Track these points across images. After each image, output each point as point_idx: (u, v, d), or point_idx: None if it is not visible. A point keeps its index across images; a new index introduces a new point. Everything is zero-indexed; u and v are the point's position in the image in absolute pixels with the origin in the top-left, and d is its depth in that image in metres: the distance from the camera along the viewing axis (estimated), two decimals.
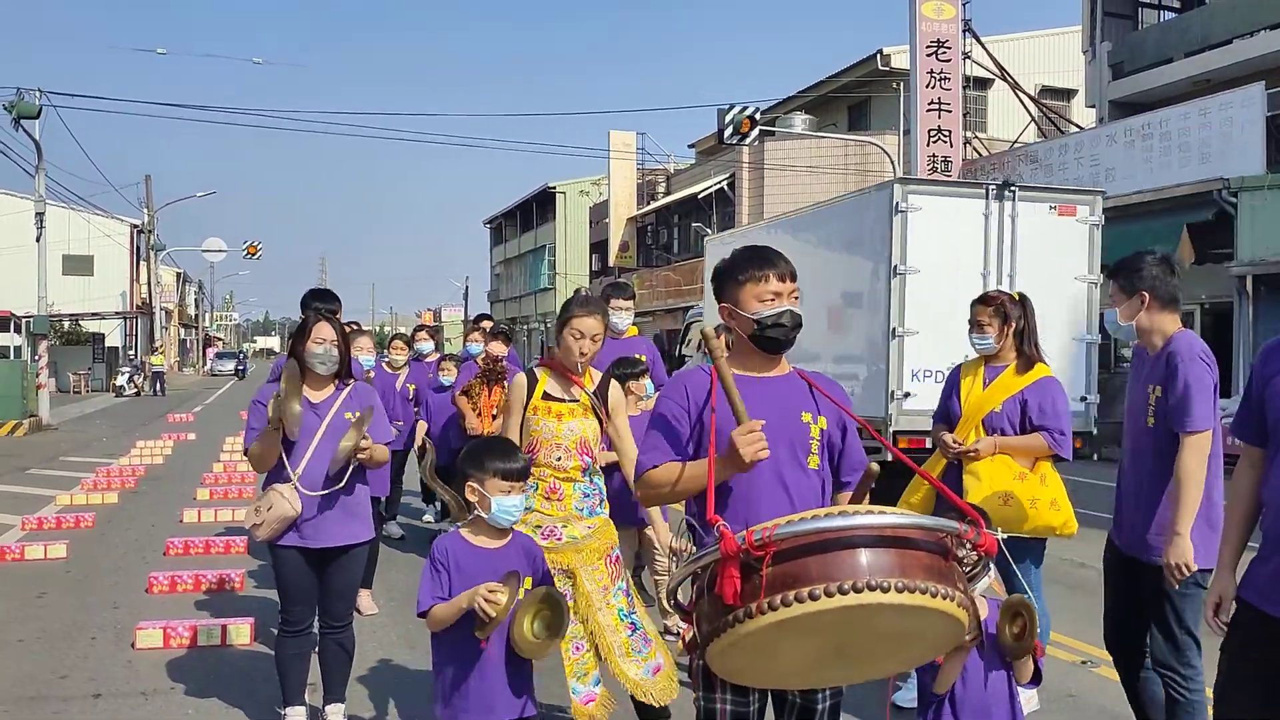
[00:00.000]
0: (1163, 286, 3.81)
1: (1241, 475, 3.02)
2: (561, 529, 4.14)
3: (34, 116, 21.14)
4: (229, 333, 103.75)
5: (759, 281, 2.82)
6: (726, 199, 31.88)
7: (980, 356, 4.69)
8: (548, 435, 4.18)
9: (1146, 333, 3.83)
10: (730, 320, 2.90)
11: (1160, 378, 3.71)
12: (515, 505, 3.24)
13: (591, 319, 4.20)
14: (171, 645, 5.76)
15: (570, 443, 4.17)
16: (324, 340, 4.28)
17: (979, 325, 4.60)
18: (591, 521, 4.20)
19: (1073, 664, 5.63)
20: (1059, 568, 7.47)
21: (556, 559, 4.06)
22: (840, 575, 2.15)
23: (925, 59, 22.94)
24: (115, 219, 41.94)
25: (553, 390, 4.25)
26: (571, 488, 4.16)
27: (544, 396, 4.23)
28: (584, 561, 4.14)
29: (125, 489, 11.86)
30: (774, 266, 2.84)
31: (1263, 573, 2.75)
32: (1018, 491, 4.36)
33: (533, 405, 4.23)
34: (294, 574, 4.30)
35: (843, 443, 2.91)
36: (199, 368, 65.12)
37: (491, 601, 3.00)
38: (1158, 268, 3.86)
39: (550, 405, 4.21)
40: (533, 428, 4.21)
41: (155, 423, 22.43)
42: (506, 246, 59.55)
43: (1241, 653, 2.79)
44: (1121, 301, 3.85)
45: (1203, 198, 15.73)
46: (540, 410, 4.21)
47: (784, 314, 2.81)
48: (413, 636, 5.87)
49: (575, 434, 4.18)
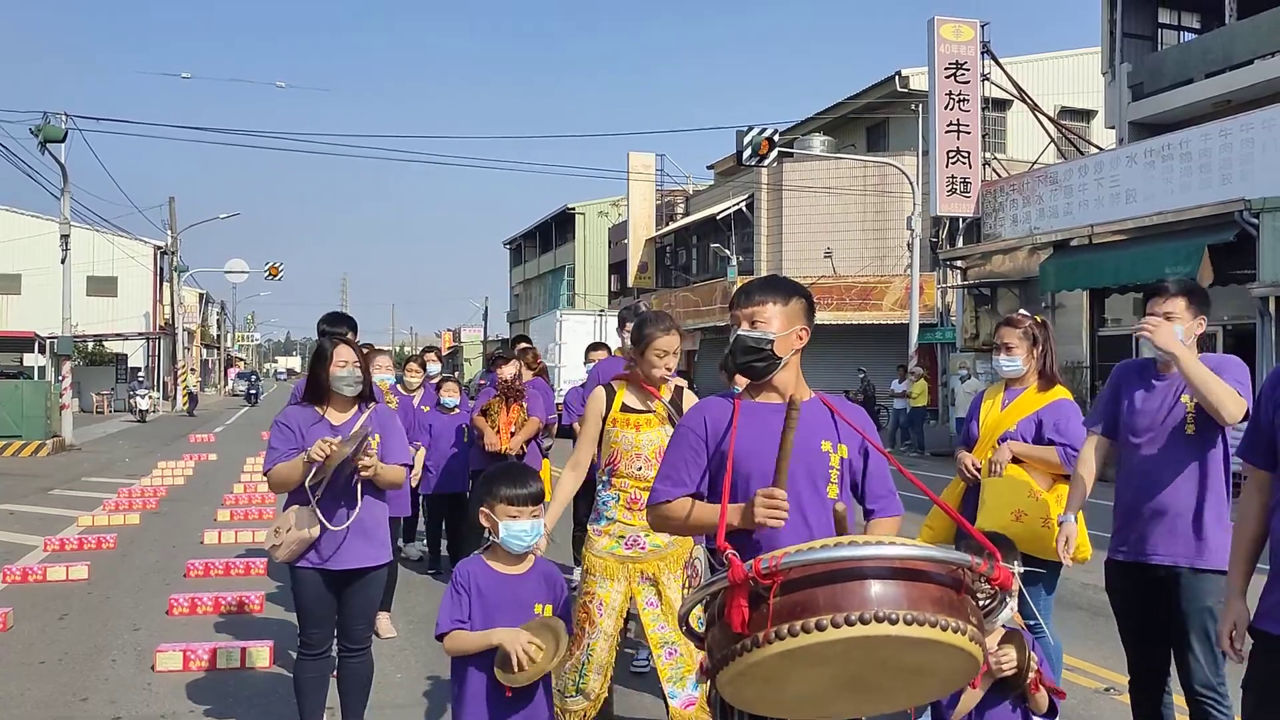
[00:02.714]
0: (1207, 314, 3.92)
1: (1249, 499, 3.00)
2: (645, 538, 4.22)
3: (60, 140, 21.42)
4: (250, 353, 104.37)
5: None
6: (745, 220, 31.93)
7: (1003, 380, 4.67)
8: (628, 446, 4.29)
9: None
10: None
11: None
12: (524, 530, 3.25)
13: (670, 336, 4.34)
14: (191, 667, 5.78)
15: (650, 452, 4.28)
16: (346, 363, 4.34)
17: (1007, 348, 4.56)
18: None
19: (1095, 690, 5.57)
20: (1081, 593, 7.41)
21: (642, 567, 4.20)
22: (848, 606, 2.13)
23: (944, 80, 22.96)
24: (139, 240, 42.35)
25: (630, 402, 4.37)
26: None
27: (623, 409, 4.35)
28: (667, 569, 4.22)
29: (147, 510, 11.93)
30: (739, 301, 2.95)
31: (1272, 599, 2.74)
32: (1030, 510, 4.29)
33: (611, 418, 4.34)
34: (313, 596, 4.32)
35: (864, 470, 2.90)
36: (221, 388, 65.55)
37: (528, 655, 3.03)
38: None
39: (629, 417, 4.33)
40: (613, 439, 4.32)
41: (177, 443, 22.57)
42: (526, 267, 59.81)
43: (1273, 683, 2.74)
44: (1188, 321, 3.82)
45: (1224, 219, 15.64)
46: (619, 422, 4.33)
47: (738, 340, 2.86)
48: (431, 661, 5.88)
49: (654, 444, 4.29)
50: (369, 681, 4.54)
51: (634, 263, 40.39)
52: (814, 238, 29.66)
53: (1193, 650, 3.68)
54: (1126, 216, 17.96)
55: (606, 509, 4.29)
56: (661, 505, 2.87)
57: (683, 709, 4.08)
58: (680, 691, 4.11)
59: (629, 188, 39.47)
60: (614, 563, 4.18)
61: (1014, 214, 21.63)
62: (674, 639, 4.13)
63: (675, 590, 4.22)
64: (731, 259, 31.56)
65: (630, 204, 40.36)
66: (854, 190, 29.07)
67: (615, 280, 43.96)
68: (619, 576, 4.16)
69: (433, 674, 5.69)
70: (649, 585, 4.19)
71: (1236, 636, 2.90)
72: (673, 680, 4.12)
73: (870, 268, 28.88)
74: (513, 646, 3.06)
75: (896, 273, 27.65)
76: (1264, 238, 15.02)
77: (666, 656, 4.14)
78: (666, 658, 4.14)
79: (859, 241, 29.39)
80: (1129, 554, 3.84)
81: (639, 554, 4.20)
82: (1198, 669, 3.67)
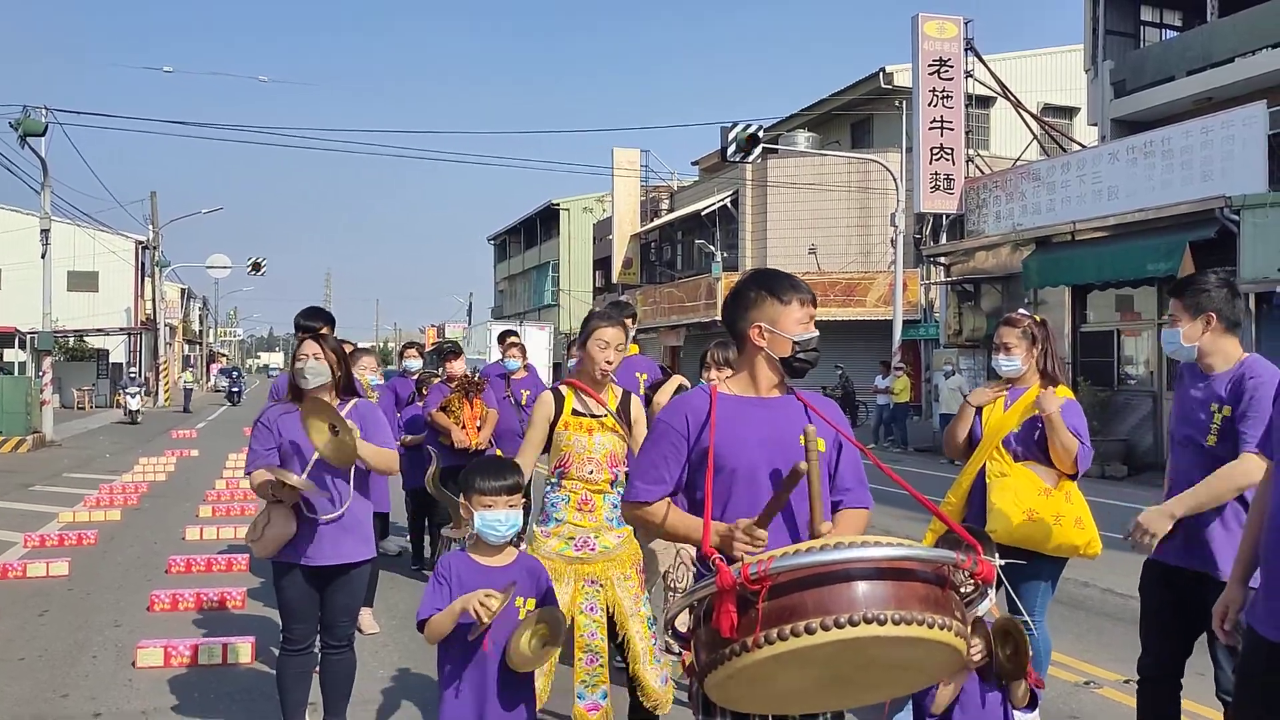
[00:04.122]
0: (1228, 309, 3.73)
1: (1262, 490, 3.01)
2: (595, 539, 4.22)
3: (40, 134, 21.24)
4: (233, 349, 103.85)
5: (802, 305, 2.86)
6: (730, 216, 31.94)
7: (1002, 381, 4.56)
8: (579, 449, 4.27)
9: (1207, 355, 3.74)
10: (760, 339, 2.86)
11: (1232, 398, 3.63)
12: (498, 519, 3.25)
13: (614, 329, 4.31)
14: (172, 664, 5.76)
15: (601, 456, 4.27)
16: (305, 356, 4.31)
17: (1006, 348, 4.46)
18: (621, 531, 4.29)
19: (1075, 684, 5.60)
20: (1063, 587, 7.45)
21: (590, 569, 4.19)
22: (837, 608, 2.14)
23: (928, 77, 23.03)
24: (120, 235, 42.02)
25: (580, 406, 4.34)
26: (602, 499, 4.26)
27: (573, 413, 4.33)
28: (617, 571, 4.23)
29: (128, 506, 11.86)
30: (805, 292, 2.89)
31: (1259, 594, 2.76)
32: (1040, 508, 4.24)
33: (563, 421, 4.32)
34: (294, 592, 4.30)
35: (837, 461, 2.91)
36: (204, 384, 65.22)
37: (485, 606, 3.05)
38: (1224, 289, 3.76)
39: (580, 420, 4.31)
40: (564, 443, 4.30)
41: (159, 439, 22.44)
42: (510, 263, 59.70)
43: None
44: (1185, 322, 3.74)
45: (1205, 216, 15.74)
46: (571, 426, 4.31)
47: (815, 339, 2.87)
48: (415, 656, 5.87)
49: (605, 448, 4.28)
50: (351, 677, 4.52)
51: (619, 258, 40.35)
52: (798, 234, 29.70)
53: (1219, 658, 3.68)
54: (1108, 213, 18.05)
55: (556, 510, 4.27)
56: (640, 507, 2.87)
57: (587, 711, 4.12)
58: (589, 695, 4.14)
59: (614, 183, 39.39)
60: (562, 564, 4.17)
61: (997, 210, 21.72)
62: (600, 648, 4.15)
63: (625, 593, 4.20)
64: (716, 255, 31.58)
65: (615, 200, 40.30)
66: (839, 186, 29.13)
67: (600, 276, 43.90)
68: (566, 577, 4.15)
69: (416, 670, 5.68)
70: (592, 588, 4.19)
71: (1228, 619, 2.91)
72: (585, 684, 4.15)
73: (854, 264, 28.95)
74: (467, 602, 3.09)
75: (880, 269, 27.73)
76: (1244, 234, 15.13)
77: (588, 661, 4.15)
78: (587, 663, 4.15)
79: (843, 238, 29.45)
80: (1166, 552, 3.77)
81: (588, 555, 4.19)
82: (1223, 676, 3.68)
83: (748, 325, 2.88)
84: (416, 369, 8.80)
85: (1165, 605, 3.84)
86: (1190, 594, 3.72)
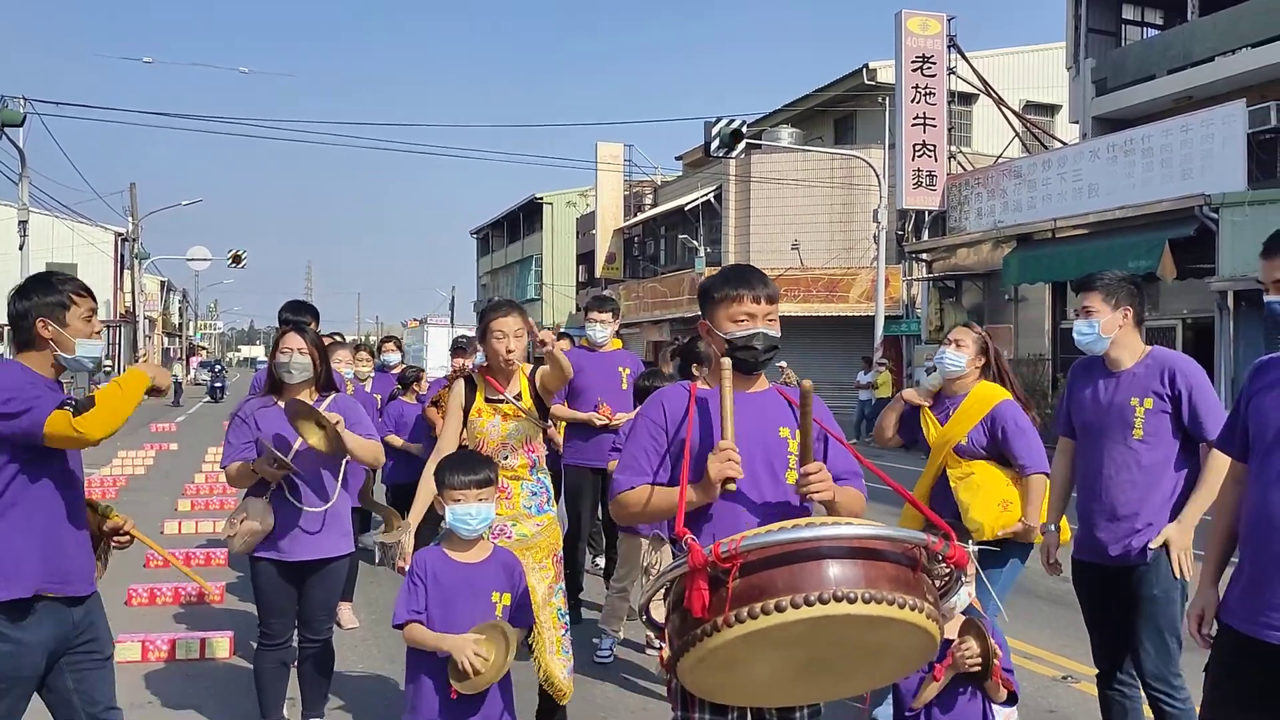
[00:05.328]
0: (1139, 306, 3.87)
1: (1227, 490, 3.04)
2: (511, 527, 4.21)
3: (18, 124, 21.09)
4: (213, 341, 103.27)
5: (734, 302, 2.83)
6: (713, 211, 31.94)
7: (930, 388, 4.64)
8: (494, 435, 4.26)
9: (1117, 348, 3.84)
10: (707, 338, 2.93)
11: (1155, 391, 3.71)
12: (469, 513, 3.25)
13: (509, 318, 4.30)
14: (150, 658, 5.73)
15: (516, 441, 4.27)
16: (289, 349, 4.27)
17: (956, 343, 4.52)
18: (540, 519, 4.28)
19: (1053, 679, 5.63)
20: (1040, 582, 7.49)
21: None
22: (807, 587, 2.15)
23: (910, 74, 23.09)
24: (99, 227, 41.75)
25: (493, 393, 4.33)
26: (519, 486, 4.26)
27: (486, 400, 4.32)
28: (532, 559, 4.19)
29: (106, 499, 11.75)
30: (750, 288, 2.84)
31: (1233, 591, 2.78)
32: (1013, 496, 4.30)
33: (476, 408, 4.31)
34: (271, 587, 4.28)
35: (825, 455, 2.91)
36: (184, 377, 64.78)
37: (472, 665, 3.06)
38: (1136, 286, 3.91)
39: (495, 406, 4.31)
40: (478, 430, 4.29)
41: (137, 432, 22.28)
42: (493, 257, 59.51)
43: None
44: (1105, 314, 3.82)
45: (1184, 213, 15.86)
46: (485, 412, 4.30)
47: (755, 336, 2.81)
48: (393, 651, 5.84)
49: (521, 433, 4.28)
50: (330, 672, 4.51)
51: (602, 253, 40.28)
52: (781, 230, 29.71)
53: (1141, 644, 3.74)
54: (1089, 210, 18.16)
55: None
56: (624, 494, 2.85)
57: None
58: None
59: (597, 178, 39.31)
60: None
61: (978, 207, 21.81)
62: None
63: (540, 582, 4.18)
64: (700, 250, 31.58)
65: (598, 194, 40.22)
66: (822, 183, 29.16)
67: (583, 271, 43.82)
68: None
69: (395, 664, 5.65)
70: None
71: (1205, 623, 2.92)
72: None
73: (837, 260, 28.99)
74: (460, 655, 3.08)
75: (863, 265, 27.77)
76: (1223, 232, 15.26)
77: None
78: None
79: (826, 234, 29.49)
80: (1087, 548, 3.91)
81: (505, 543, 4.13)
82: (1147, 661, 3.73)
83: (701, 322, 2.95)
84: (395, 363, 8.75)
85: (1094, 600, 3.97)
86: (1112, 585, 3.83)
